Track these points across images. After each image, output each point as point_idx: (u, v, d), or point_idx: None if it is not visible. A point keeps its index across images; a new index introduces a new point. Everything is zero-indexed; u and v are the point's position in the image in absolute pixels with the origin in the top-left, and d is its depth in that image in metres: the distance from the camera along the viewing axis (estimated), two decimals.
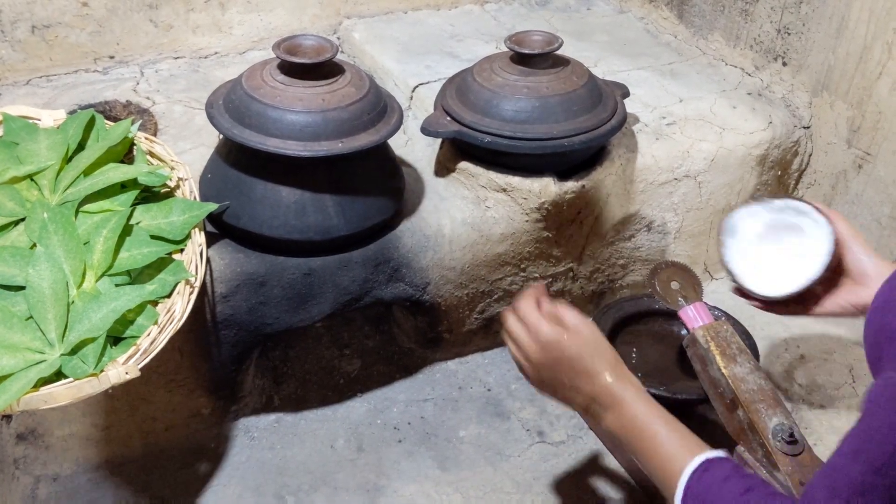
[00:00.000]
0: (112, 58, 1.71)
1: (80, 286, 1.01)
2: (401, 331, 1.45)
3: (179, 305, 1.01)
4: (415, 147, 1.50)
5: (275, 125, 1.15)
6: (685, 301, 1.16)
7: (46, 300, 0.97)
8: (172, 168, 1.19)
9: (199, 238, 1.11)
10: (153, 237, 1.08)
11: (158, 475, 1.25)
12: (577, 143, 1.29)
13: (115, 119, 1.41)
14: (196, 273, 1.05)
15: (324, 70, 1.19)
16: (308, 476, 1.27)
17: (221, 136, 1.24)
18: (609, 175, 1.42)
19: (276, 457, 1.29)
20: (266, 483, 1.25)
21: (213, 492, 1.24)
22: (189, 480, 1.25)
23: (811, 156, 1.66)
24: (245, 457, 1.29)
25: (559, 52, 1.34)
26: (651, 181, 1.50)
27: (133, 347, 0.95)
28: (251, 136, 1.15)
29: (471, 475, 1.28)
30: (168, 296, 1.03)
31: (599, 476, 1.28)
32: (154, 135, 1.47)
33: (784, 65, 1.68)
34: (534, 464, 1.30)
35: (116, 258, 1.04)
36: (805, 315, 1.12)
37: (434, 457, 1.31)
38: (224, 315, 1.20)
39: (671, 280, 1.19)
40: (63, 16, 1.63)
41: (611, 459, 1.30)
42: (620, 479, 1.27)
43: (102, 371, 0.92)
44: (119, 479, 1.24)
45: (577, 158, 1.38)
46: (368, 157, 1.22)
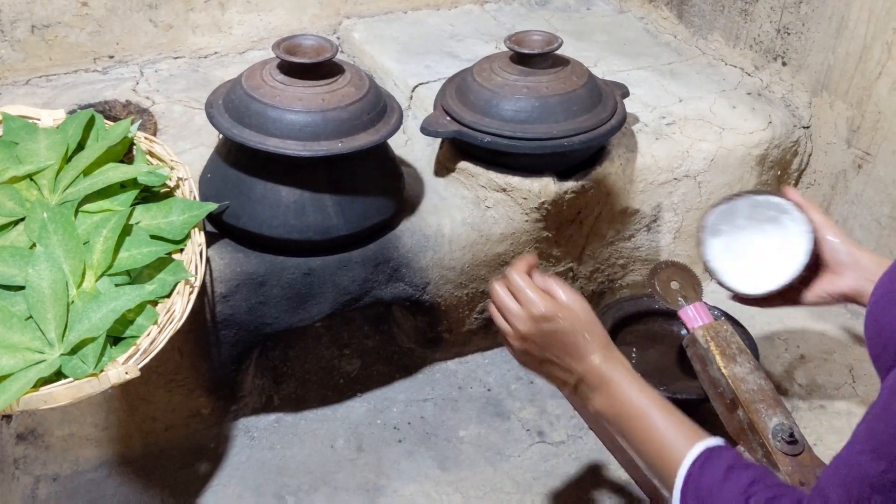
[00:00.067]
0: (112, 57, 1.71)
1: (80, 286, 1.01)
2: (400, 331, 1.45)
3: (179, 305, 1.01)
4: (414, 147, 1.50)
5: (274, 125, 1.15)
6: (685, 301, 1.16)
7: (46, 300, 0.97)
8: (172, 168, 1.19)
9: (199, 238, 1.11)
10: (153, 237, 1.08)
11: (158, 475, 1.25)
12: (577, 143, 1.29)
13: (115, 119, 1.41)
14: (196, 273, 1.05)
15: (323, 70, 1.19)
16: (308, 476, 1.27)
17: (221, 136, 1.24)
18: (609, 175, 1.42)
19: (276, 457, 1.29)
20: (266, 483, 1.25)
21: (213, 492, 1.24)
22: (189, 480, 1.25)
23: (811, 156, 1.66)
24: (245, 457, 1.29)
25: (559, 52, 1.34)
26: (651, 181, 1.50)
27: (133, 347, 0.95)
28: (251, 136, 1.15)
29: (471, 475, 1.28)
30: (168, 296, 1.02)
31: (599, 476, 1.28)
32: (154, 134, 1.46)
33: (784, 65, 1.68)
34: (534, 464, 1.30)
35: (116, 258, 1.04)
36: (783, 307, 1.13)
37: (434, 457, 1.31)
38: (224, 315, 1.20)
39: (671, 280, 1.19)
40: (63, 15, 1.62)
41: (611, 459, 1.30)
42: (620, 479, 1.27)
43: (102, 371, 0.92)
44: (119, 479, 1.24)
45: (577, 158, 1.38)
46: (368, 157, 1.22)
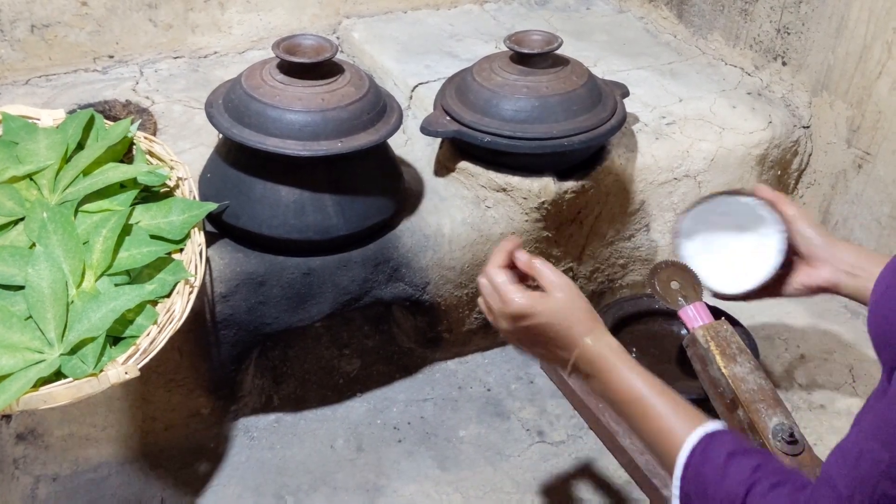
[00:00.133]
0: (111, 57, 1.71)
1: (80, 286, 1.01)
2: (400, 330, 1.45)
3: (179, 305, 1.00)
4: (414, 147, 1.50)
5: (274, 125, 1.15)
6: (685, 301, 1.16)
7: (46, 300, 0.97)
8: (172, 168, 1.19)
9: (199, 238, 1.10)
10: (152, 237, 1.07)
11: (158, 475, 1.25)
12: (577, 143, 1.29)
13: (115, 119, 1.41)
14: (195, 273, 1.05)
15: (323, 70, 1.19)
16: (308, 476, 1.27)
17: (221, 136, 1.24)
18: (609, 175, 1.42)
19: (276, 457, 1.29)
20: (265, 483, 1.25)
21: (213, 492, 1.23)
22: (189, 480, 1.25)
23: (811, 155, 1.66)
24: (244, 457, 1.29)
25: (559, 52, 1.34)
26: (651, 181, 1.50)
27: (132, 347, 0.94)
28: (250, 136, 1.15)
29: (470, 475, 1.28)
30: (167, 295, 1.02)
31: (599, 476, 1.28)
32: (153, 134, 1.46)
33: (784, 64, 1.68)
34: (534, 463, 1.30)
35: (116, 258, 1.04)
36: (767, 298, 1.14)
37: (434, 456, 1.31)
38: (223, 315, 1.20)
39: (671, 280, 1.19)
40: (62, 15, 1.62)
41: (611, 459, 1.30)
42: (620, 479, 1.27)
43: (102, 371, 0.91)
44: (118, 479, 1.24)
45: (577, 158, 1.38)
46: (368, 157, 1.22)
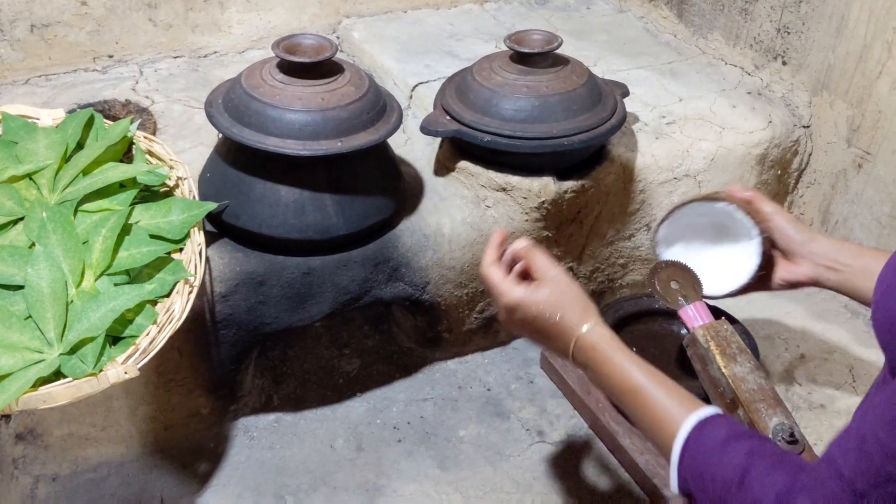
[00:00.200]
0: (111, 57, 1.71)
1: (79, 285, 1.01)
2: (400, 330, 1.45)
3: (178, 305, 1.00)
4: (414, 146, 1.50)
5: (274, 124, 1.15)
6: (685, 300, 1.16)
7: (45, 299, 0.97)
8: (171, 167, 1.19)
9: (199, 237, 1.10)
10: (152, 236, 1.07)
11: (157, 475, 1.25)
12: (577, 143, 1.29)
13: (115, 118, 1.41)
14: (195, 272, 1.05)
15: (323, 69, 1.19)
16: (307, 476, 1.27)
17: (220, 136, 1.24)
18: (609, 174, 1.42)
19: (276, 456, 1.29)
20: (265, 483, 1.25)
21: (213, 491, 1.23)
22: (188, 480, 1.25)
23: (811, 155, 1.66)
24: (244, 456, 1.29)
25: (559, 52, 1.34)
26: (651, 180, 1.50)
27: (132, 347, 0.94)
28: (250, 135, 1.15)
29: (470, 475, 1.28)
30: (167, 295, 1.02)
31: (599, 475, 1.28)
32: (153, 134, 1.46)
33: (784, 64, 1.67)
34: (533, 463, 1.30)
35: (115, 257, 1.04)
36: (751, 292, 1.16)
37: (434, 456, 1.30)
38: (223, 314, 1.20)
39: (671, 280, 1.19)
40: (62, 15, 1.62)
41: (611, 459, 1.30)
42: (620, 479, 1.27)
43: (101, 371, 0.91)
44: (118, 479, 1.24)
45: (577, 158, 1.38)
46: (368, 157, 1.22)
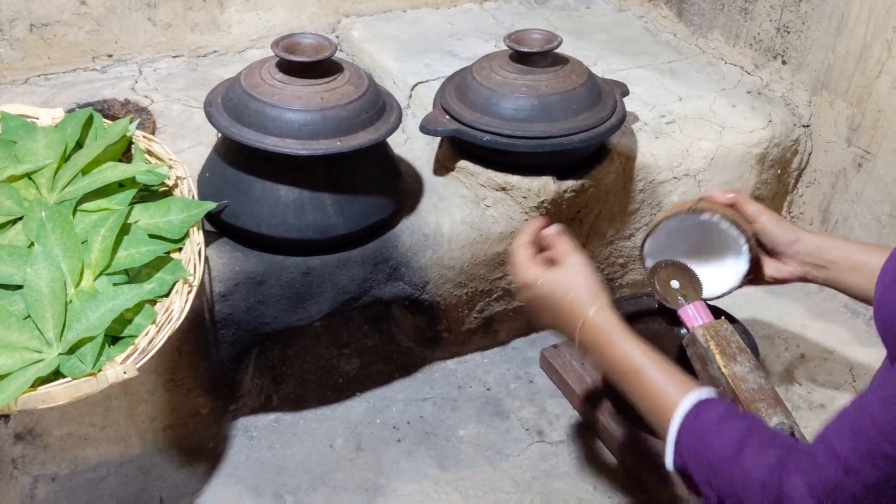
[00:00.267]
0: (110, 56, 1.71)
1: (78, 285, 1.01)
2: (400, 330, 1.45)
3: (178, 304, 1.00)
4: (414, 146, 1.50)
5: (273, 123, 1.14)
6: (685, 300, 1.16)
7: (44, 299, 0.96)
8: (171, 167, 1.19)
9: (198, 237, 1.10)
10: (151, 236, 1.07)
11: (157, 475, 1.25)
12: (577, 142, 1.29)
13: (114, 118, 1.41)
14: (194, 272, 1.05)
15: (322, 68, 1.19)
16: (307, 475, 1.26)
17: (220, 135, 1.24)
18: (609, 174, 1.42)
19: (275, 456, 1.29)
20: (265, 482, 1.25)
21: (212, 491, 1.23)
22: (188, 480, 1.25)
23: (811, 154, 1.66)
24: (244, 456, 1.29)
25: (558, 51, 1.34)
26: (651, 180, 1.50)
27: (131, 347, 0.94)
28: (249, 135, 1.15)
29: (470, 474, 1.28)
30: (166, 295, 1.02)
31: (598, 475, 1.28)
32: (152, 133, 1.46)
33: (784, 63, 1.67)
34: (533, 463, 1.30)
35: (114, 257, 1.04)
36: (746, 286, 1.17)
37: (433, 456, 1.30)
38: (222, 314, 1.20)
39: (671, 279, 1.19)
40: (61, 14, 1.62)
41: (610, 458, 1.30)
42: (619, 478, 1.27)
43: (100, 370, 0.91)
44: (117, 479, 1.24)
45: (577, 157, 1.38)
46: (367, 156, 1.22)
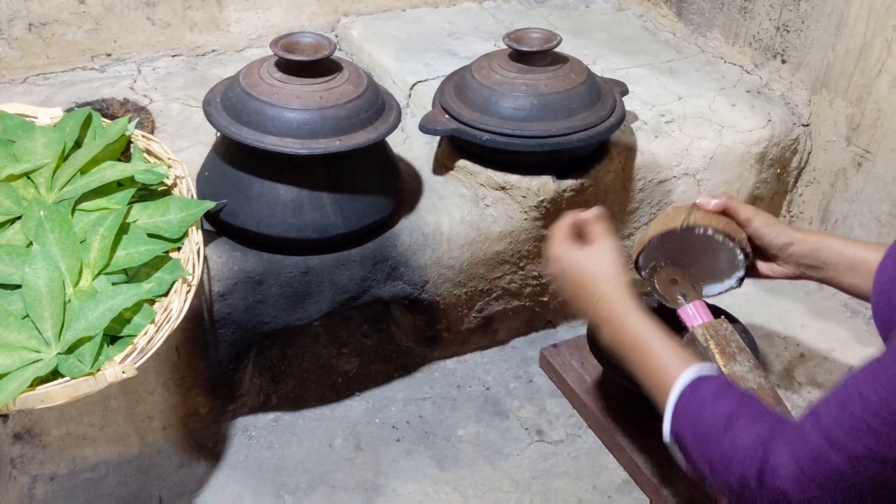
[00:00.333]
0: (109, 55, 1.71)
1: (77, 285, 1.00)
2: (399, 329, 1.44)
3: (176, 304, 1.00)
4: (413, 145, 1.49)
5: (272, 123, 1.14)
6: (684, 299, 1.15)
7: (43, 299, 0.96)
8: (169, 166, 1.19)
9: (197, 236, 1.10)
10: (150, 235, 1.07)
11: (156, 474, 1.25)
12: (576, 141, 1.29)
13: (113, 117, 1.40)
14: (193, 271, 1.05)
15: (321, 67, 1.19)
16: (306, 475, 1.26)
17: (219, 134, 1.24)
18: (608, 173, 1.42)
19: (274, 456, 1.29)
20: (264, 482, 1.25)
21: (211, 491, 1.23)
22: (187, 480, 1.25)
23: (810, 153, 1.66)
24: (243, 456, 1.29)
25: (558, 50, 1.34)
26: (650, 179, 1.50)
27: (130, 346, 0.94)
28: (248, 134, 1.15)
29: (469, 474, 1.28)
30: (165, 294, 1.02)
31: (598, 475, 1.28)
32: (151, 133, 1.46)
33: (783, 62, 1.67)
34: (532, 462, 1.30)
35: (113, 256, 1.04)
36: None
37: (432, 456, 1.30)
38: (221, 314, 1.20)
39: (671, 278, 1.19)
40: (60, 13, 1.62)
41: (610, 458, 1.30)
42: (620, 478, 1.27)
43: (99, 370, 0.91)
44: (116, 479, 1.23)
45: (576, 156, 1.38)
46: (366, 155, 1.22)
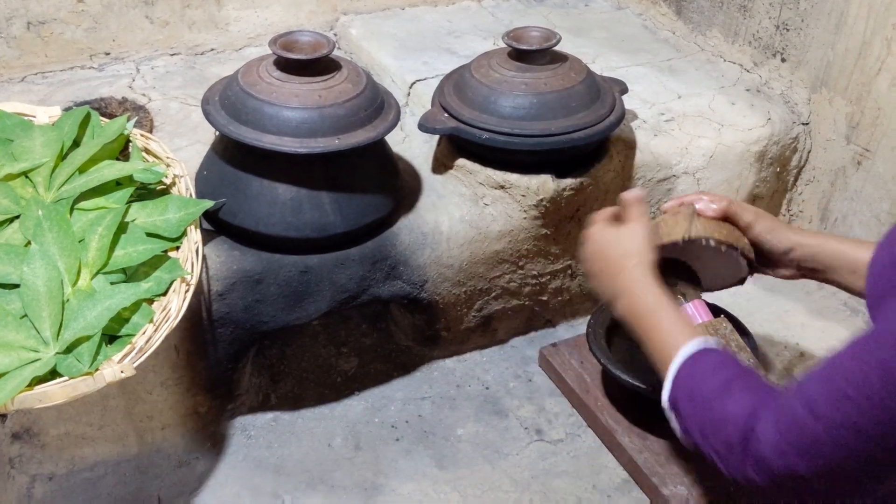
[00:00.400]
0: (108, 54, 1.70)
1: (75, 284, 1.00)
2: (398, 329, 1.44)
3: (175, 303, 1.00)
4: (412, 144, 1.49)
5: (271, 121, 1.14)
6: (684, 298, 1.15)
7: (41, 298, 0.96)
8: (168, 165, 1.19)
9: (195, 235, 1.10)
10: (149, 234, 1.07)
11: (154, 474, 1.25)
12: (576, 140, 1.29)
13: (111, 116, 1.40)
14: (192, 271, 1.05)
15: (320, 66, 1.19)
16: (305, 475, 1.26)
17: (217, 133, 1.23)
18: (608, 172, 1.41)
19: (273, 455, 1.29)
20: (263, 482, 1.24)
21: (211, 491, 1.23)
22: (186, 479, 1.24)
23: (810, 152, 1.66)
24: (242, 455, 1.29)
25: (557, 49, 1.34)
26: (650, 178, 1.50)
27: (128, 346, 0.94)
28: (247, 133, 1.14)
29: (469, 473, 1.27)
30: (164, 294, 1.02)
31: (598, 474, 1.28)
32: (150, 132, 1.46)
33: (783, 61, 1.67)
34: (532, 462, 1.30)
35: (111, 256, 1.03)
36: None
37: (432, 455, 1.30)
38: (220, 313, 1.20)
39: (670, 278, 1.19)
40: (59, 12, 1.62)
41: (610, 458, 1.30)
42: (619, 478, 1.27)
43: (97, 370, 0.91)
44: (115, 479, 1.23)
45: (576, 155, 1.37)
46: (365, 154, 1.22)
